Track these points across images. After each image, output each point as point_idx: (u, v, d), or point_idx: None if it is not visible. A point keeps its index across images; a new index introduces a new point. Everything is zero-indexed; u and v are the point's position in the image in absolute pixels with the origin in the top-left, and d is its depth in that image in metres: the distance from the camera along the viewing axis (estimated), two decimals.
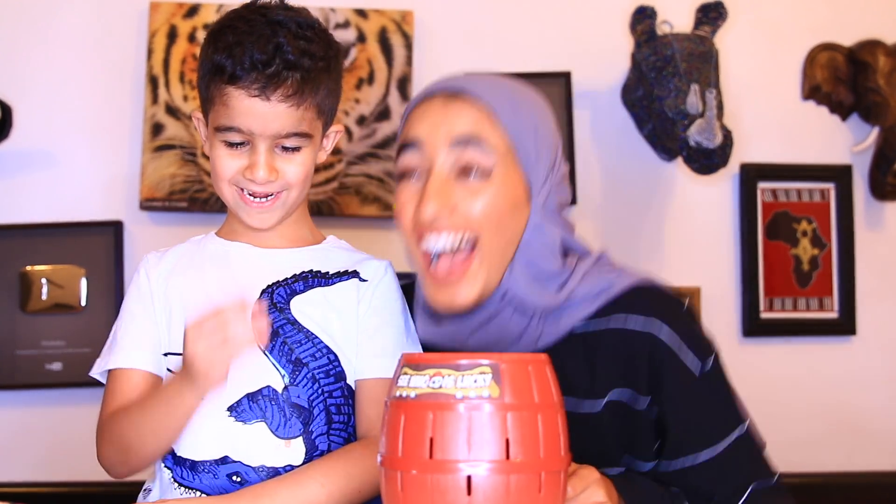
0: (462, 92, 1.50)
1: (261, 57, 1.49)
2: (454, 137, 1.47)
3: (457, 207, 1.47)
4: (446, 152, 1.47)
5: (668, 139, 2.55)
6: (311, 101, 1.53)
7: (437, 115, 1.49)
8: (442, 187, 1.46)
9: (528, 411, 1.06)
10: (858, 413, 2.79)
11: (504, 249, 1.49)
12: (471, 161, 1.47)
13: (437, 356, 1.10)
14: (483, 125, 1.48)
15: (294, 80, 1.50)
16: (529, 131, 1.50)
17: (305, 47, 1.51)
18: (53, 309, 2.58)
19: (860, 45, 2.79)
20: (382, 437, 1.11)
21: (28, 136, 2.61)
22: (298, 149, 1.54)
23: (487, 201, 1.47)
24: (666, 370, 1.48)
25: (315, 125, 1.56)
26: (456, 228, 1.47)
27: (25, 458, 2.57)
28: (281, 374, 1.54)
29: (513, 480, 1.05)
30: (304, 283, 1.58)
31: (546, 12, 2.75)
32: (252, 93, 1.49)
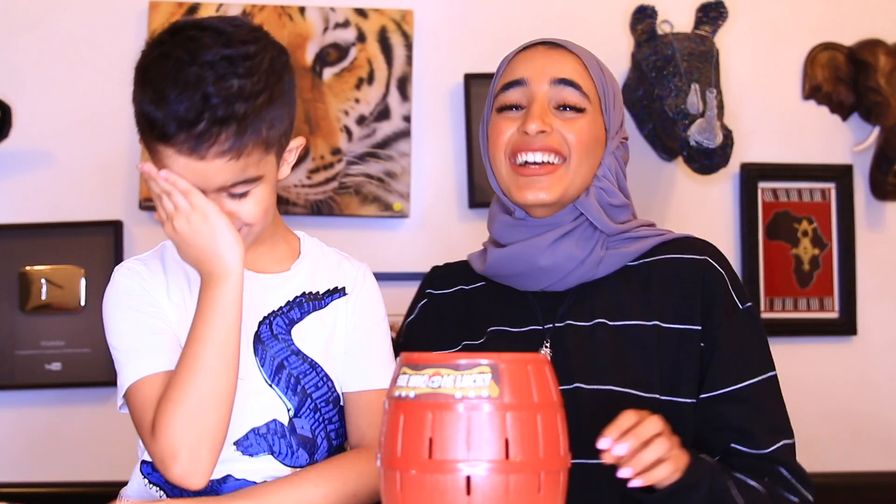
0: (561, 45, 1.72)
1: (187, 115, 1.36)
2: (555, 77, 1.68)
3: (553, 130, 1.66)
4: (547, 88, 1.68)
5: (668, 139, 2.55)
6: (254, 145, 1.40)
7: (541, 59, 1.71)
8: (543, 112, 1.67)
9: (528, 411, 1.06)
10: (859, 413, 2.79)
11: (585, 174, 1.69)
12: (567, 99, 1.68)
13: (436, 356, 1.10)
14: (580, 72, 1.70)
15: (228, 133, 1.37)
16: (610, 88, 1.74)
17: (239, 89, 1.38)
18: (53, 309, 2.58)
19: (861, 44, 2.79)
20: (381, 437, 1.11)
21: (28, 136, 2.61)
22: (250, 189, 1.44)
23: (580, 129, 1.67)
24: (717, 297, 1.65)
25: (264, 163, 1.44)
26: (550, 149, 1.66)
27: (25, 458, 2.57)
28: (287, 408, 1.52)
29: (512, 480, 1.04)
30: (300, 309, 1.56)
31: (546, 12, 2.75)
32: (184, 152, 1.38)
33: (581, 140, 1.67)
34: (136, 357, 1.48)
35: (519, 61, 1.73)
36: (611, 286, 1.69)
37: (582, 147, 1.67)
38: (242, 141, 1.39)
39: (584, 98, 1.69)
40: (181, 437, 1.39)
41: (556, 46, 1.73)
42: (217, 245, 1.43)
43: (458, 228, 2.67)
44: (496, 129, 1.71)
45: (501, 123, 1.71)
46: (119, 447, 2.18)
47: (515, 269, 1.70)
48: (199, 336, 1.43)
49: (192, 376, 1.41)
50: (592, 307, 1.67)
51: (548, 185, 1.66)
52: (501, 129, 1.70)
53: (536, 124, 1.65)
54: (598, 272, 1.68)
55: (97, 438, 2.56)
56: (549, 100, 1.68)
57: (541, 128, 1.65)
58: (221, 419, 1.42)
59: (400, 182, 2.65)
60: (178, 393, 1.40)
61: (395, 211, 2.64)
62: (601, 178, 1.71)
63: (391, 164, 2.65)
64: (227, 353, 1.43)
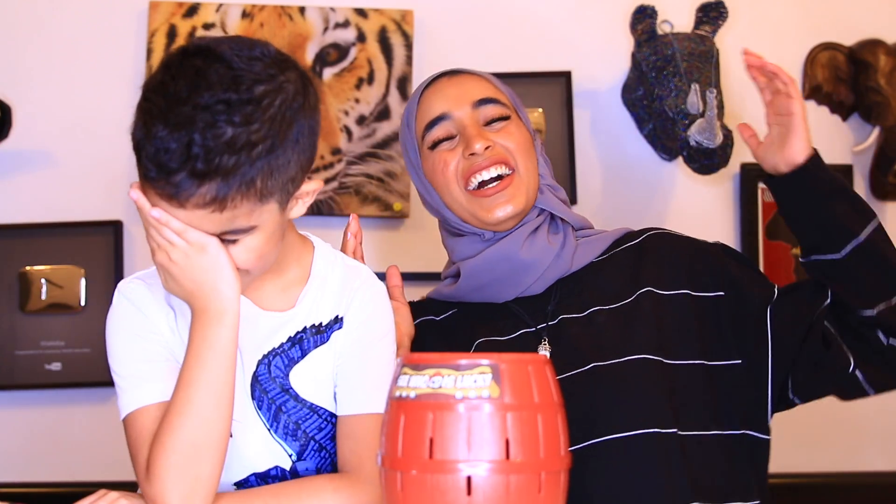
0: (460, 71, 1.80)
1: (168, 163, 1.27)
2: (475, 99, 1.74)
3: (494, 144, 1.71)
4: (471, 111, 1.73)
5: (668, 139, 2.55)
6: (242, 197, 1.29)
7: (451, 89, 1.77)
8: (479, 131, 1.71)
9: (528, 411, 1.06)
10: (858, 413, 2.79)
11: (532, 175, 1.74)
12: (492, 114, 1.74)
13: (436, 356, 1.10)
14: (489, 88, 1.77)
15: (210, 186, 1.27)
16: (513, 93, 1.82)
17: (231, 139, 1.26)
18: (53, 309, 2.58)
19: (861, 44, 2.79)
20: (382, 437, 1.11)
21: (28, 136, 2.61)
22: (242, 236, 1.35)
23: (513, 135, 1.74)
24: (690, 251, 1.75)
25: (258, 213, 1.33)
26: (499, 161, 1.71)
27: (25, 458, 2.57)
28: (289, 454, 1.49)
29: (512, 480, 1.04)
30: (301, 347, 1.49)
31: (546, 12, 2.75)
32: (164, 197, 1.30)
33: (519, 144, 1.73)
34: (136, 385, 1.44)
35: (431, 97, 1.77)
36: (589, 278, 1.72)
37: (522, 150, 1.73)
38: (227, 193, 1.28)
39: (504, 108, 1.75)
40: (173, 486, 1.34)
41: (457, 73, 1.79)
42: (216, 279, 1.35)
43: None
44: (439, 163, 1.73)
45: (441, 157, 1.73)
46: (119, 447, 2.17)
47: (494, 273, 1.72)
48: (192, 378, 1.36)
49: (185, 420, 1.35)
50: (581, 299, 1.69)
51: (510, 196, 1.70)
52: (445, 161, 1.73)
53: (480, 142, 1.69)
54: (572, 265, 1.73)
55: (97, 438, 2.56)
56: (476, 121, 1.73)
57: (485, 144, 1.70)
58: (215, 466, 1.37)
59: (400, 182, 2.65)
60: (170, 438, 1.35)
61: (395, 211, 2.64)
62: (543, 175, 1.77)
63: (391, 164, 2.65)
64: (221, 396, 1.37)
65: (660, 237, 1.78)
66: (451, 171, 1.72)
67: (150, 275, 1.50)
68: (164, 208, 1.32)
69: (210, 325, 1.36)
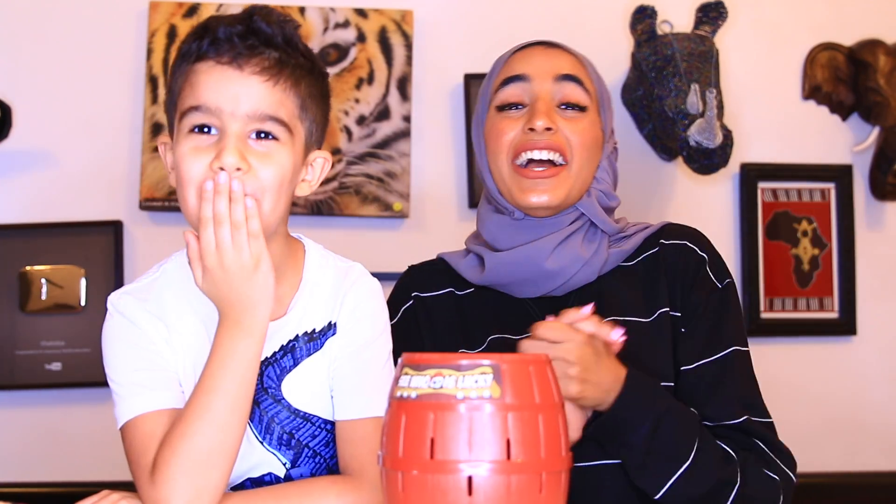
0: (557, 45, 1.72)
1: (236, 29, 1.37)
2: (558, 73, 1.67)
3: (558, 129, 1.65)
4: (550, 84, 1.67)
5: (668, 139, 2.55)
6: (291, 86, 1.39)
7: (541, 56, 1.70)
8: (549, 109, 1.65)
9: (529, 412, 1.06)
10: (858, 413, 2.79)
11: (586, 177, 1.69)
12: (571, 96, 1.67)
13: (437, 356, 1.10)
14: (581, 70, 1.70)
15: (272, 56, 1.38)
16: (605, 91, 1.74)
17: (289, 37, 1.41)
18: (53, 309, 2.58)
19: (860, 44, 2.79)
20: (383, 437, 1.11)
21: (28, 136, 2.61)
22: (275, 140, 1.39)
23: (583, 130, 1.67)
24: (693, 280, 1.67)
25: (295, 123, 1.41)
26: (555, 148, 1.65)
27: (25, 458, 2.57)
28: (282, 462, 1.48)
29: (514, 481, 1.04)
30: (293, 356, 1.47)
31: (546, 12, 2.75)
32: (222, 61, 1.36)
33: (584, 142, 1.66)
34: (134, 393, 1.43)
35: (518, 59, 1.71)
36: (612, 285, 1.69)
37: (584, 149, 1.67)
38: (283, 70, 1.38)
39: (586, 95, 1.68)
40: (181, 491, 1.33)
41: (554, 46, 1.72)
42: (259, 298, 1.35)
43: (458, 228, 2.67)
44: (497, 128, 1.68)
45: (503, 123, 1.68)
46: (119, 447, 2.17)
47: (519, 276, 1.68)
48: (213, 386, 1.35)
49: (201, 427, 1.34)
50: (599, 307, 1.66)
51: (551, 187, 1.65)
52: (503, 129, 1.67)
53: (543, 120, 1.63)
54: (602, 270, 1.68)
55: (97, 438, 2.56)
56: (552, 97, 1.67)
57: (547, 124, 1.63)
58: (224, 474, 1.36)
59: (400, 182, 2.65)
60: (183, 443, 1.34)
61: (395, 211, 2.64)
62: (600, 180, 1.71)
63: (391, 164, 2.65)
64: (239, 407, 1.36)
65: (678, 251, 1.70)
66: (506, 140, 1.67)
67: (141, 289, 1.48)
68: (216, 81, 1.36)
69: (240, 336, 1.36)
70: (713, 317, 1.65)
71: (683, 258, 1.69)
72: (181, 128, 1.40)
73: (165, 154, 1.46)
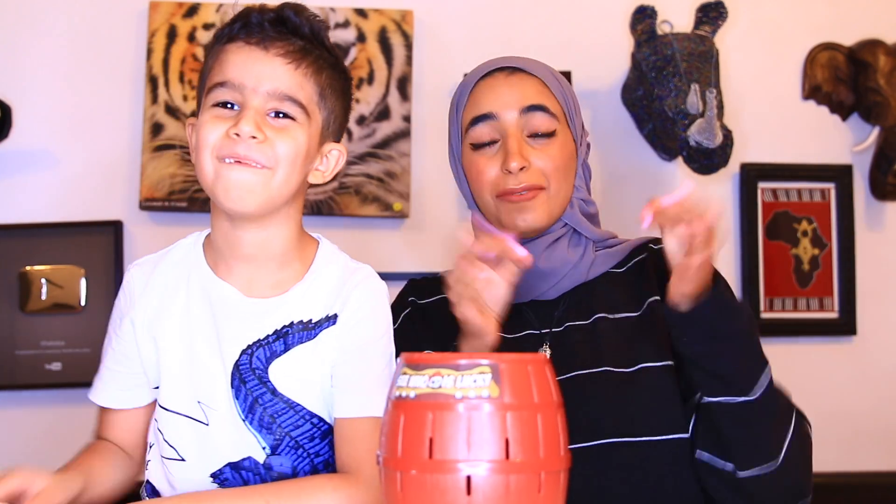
0: (519, 69, 1.75)
1: (268, 16, 1.48)
2: (523, 106, 1.72)
3: (531, 165, 1.70)
4: (517, 118, 1.72)
5: (668, 139, 2.55)
6: (312, 73, 1.48)
7: (504, 88, 1.74)
8: (520, 146, 1.70)
9: (528, 411, 1.06)
10: (858, 413, 2.79)
11: (565, 194, 1.74)
12: (539, 126, 1.72)
13: (436, 356, 1.10)
14: (544, 95, 1.74)
15: (297, 43, 1.48)
16: (570, 98, 1.78)
17: (316, 31, 1.50)
18: (53, 309, 2.58)
19: (860, 44, 2.79)
20: (382, 437, 1.11)
21: (28, 136, 2.61)
22: (293, 120, 1.46)
23: (554, 156, 1.72)
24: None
25: (313, 108, 1.49)
26: (531, 186, 1.70)
27: (25, 458, 2.56)
28: (262, 446, 1.49)
29: (512, 480, 1.04)
30: (285, 341, 1.49)
31: (546, 12, 2.75)
32: (251, 41, 1.46)
33: (557, 166, 1.72)
34: (99, 379, 1.60)
35: (482, 92, 1.76)
36: (602, 287, 1.73)
37: (560, 169, 1.72)
38: (305, 56, 1.47)
39: (553, 120, 1.72)
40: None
41: (515, 71, 1.75)
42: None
43: (458, 228, 2.67)
44: (475, 168, 1.74)
45: (480, 162, 1.74)
46: None
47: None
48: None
49: None
50: (590, 306, 1.70)
51: (533, 208, 1.71)
52: (481, 170, 1.73)
53: (517, 161, 1.69)
54: (588, 275, 1.73)
55: None
56: (520, 130, 1.72)
57: (521, 164, 1.69)
58: None
59: (400, 182, 2.65)
60: None
61: (395, 211, 2.64)
62: (578, 188, 1.77)
63: (391, 164, 2.65)
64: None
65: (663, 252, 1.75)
66: (486, 180, 1.73)
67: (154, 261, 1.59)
68: (242, 59, 1.46)
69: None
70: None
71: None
72: (206, 102, 1.48)
73: (191, 135, 1.52)
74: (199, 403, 1.49)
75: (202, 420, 1.49)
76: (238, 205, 1.44)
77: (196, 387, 1.50)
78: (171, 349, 1.51)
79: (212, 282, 1.51)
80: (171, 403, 1.51)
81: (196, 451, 1.50)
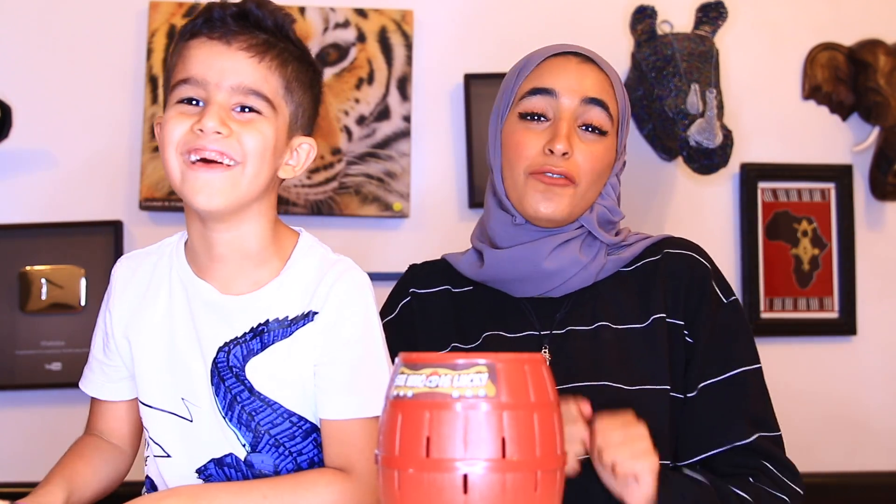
0: (593, 60, 1.72)
1: (230, 10, 1.46)
2: (586, 95, 1.68)
3: (573, 154, 1.66)
4: (577, 105, 1.68)
5: (668, 139, 2.55)
6: (277, 66, 1.45)
7: (574, 72, 1.69)
8: (570, 132, 1.67)
9: (525, 410, 1.06)
10: (858, 413, 2.79)
11: (591, 197, 1.71)
12: (594, 120, 1.68)
13: (434, 356, 1.10)
14: (608, 93, 1.70)
15: (260, 36, 1.45)
16: (627, 109, 1.75)
17: (280, 24, 1.48)
18: (53, 309, 2.58)
19: (860, 44, 2.79)
20: (380, 436, 1.12)
21: (28, 136, 2.61)
22: (258, 114, 1.44)
23: (598, 155, 1.69)
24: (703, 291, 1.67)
25: (279, 101, 1.46)
26: (566, 174, 1.67)
27: (25, 458, 2.57)
28: (242, 443, 1.49)
29: (509, 479, 1.04)
30: (261, 340, 1.47)
31: (546, 12, 2.75)
32: (213, 36, 1.44)
33: (594, 168, 1.68)
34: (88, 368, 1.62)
35: (549, 69, 1.71)
36: (608, 290, 1.70)
37: (594, 174, 1.68)
38: (269, 49, 1.45)
39: (608, 120, 1.69)
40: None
41: (588, 61, 1.71)
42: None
43: (458, 228, 2.67)
44: (517, 139, 1.69)
45: (524, 136, 1.69)
46: None
47: (517, 273, 1.70)
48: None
49: None
50: (593, 311, 1.68)
51: (560, 197, 1.66)
52: (523, 143, 1.69)
53: (563, 144, 1.65)
54: (597, 278, 1.70)
55: None
56: (576, 117, 1.68)
57: (565, 149, 1.65)
58: None
59: (400, 182, 2.65)
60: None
61: (395, 211, 2.64)
62: (605, 196, 1.73)
63: (391, 164, 2.65)
64: None
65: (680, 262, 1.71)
66: (525, 155, 1.68)
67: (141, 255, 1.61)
68: (205, 55, 1.44)
69: None
70: (724, 334, 1.66)
71: (688, 268, 1.70)
72: (171, 100, 1.46)
73: (159, 134, 1.49)
74: (182, 400, 1.50)
75: (186, 417, 1.50)
76: (207, 204, 1.43)
77: (179, 383, 1.50)
78: (150, 346, 1.52)
79: (191, 280, 1.51)
80: (155, 400, 1.52)
81: (181, 447, 1.51)
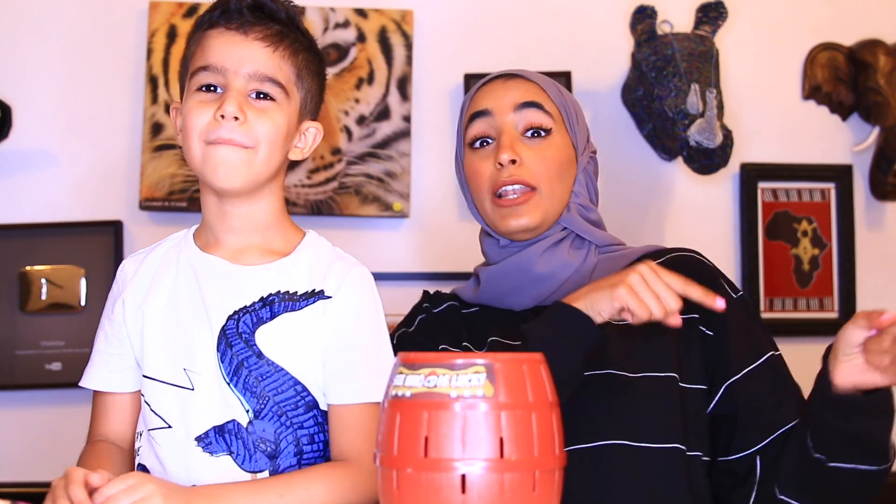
0: (516, 75, 1.79)
1: (246, 2, 1.56)
2: (517, 103, 1.75)
3: (523, 161, 1.72)
4: (512, 115, 1.75)
5: (668, 139, 2.55)
6: (290, 55, 1.57)
7: (501, 88, 1.77)
8: (512, 141, 1.73)
9: (523, 410, 1.06)
10: None
11: (560, 195, 1.75)
12: (532, 121, 1.74)
13: (432, 356, 1.10)
14: (539, 96, 1.76)
15: (274, 27, 1.56)
16: (571, 107, 1.79)
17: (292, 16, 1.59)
18: (53, 309, 2.58)
19: (860, 44, 2.79)
20: (378, 436, 1.12)
21: (28, 136, 2.61)
22: (272, 101, 1.55)
23: (549, 155, 1.74)
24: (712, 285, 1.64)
25: (291, 87, 1.57)
26: (521, 182, 1.72)
27: (25, 458, 2.57)
28: (245, 409, 1.52)
29: (507, 479, 1.04)
30: (271, 309, 1.54)
31: (546, 12, 2.75)
32: (230, 26, 1.54)
33: (549, 168, 1.73)
34: (91, 365, 1.63)
35: (482, 94, 1.80)
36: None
37: (552, 170, 1.73)
38: (283, 40, 1.56)
39: (548, 117, 1.75)
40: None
41: (513, 77, 1.79)
42: None
43: (458, 228, 2.67)
44: (473, 168, 1.77)
45: (477, 163, 1.77)
46: None
47: (511, 284, 1.74)
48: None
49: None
50: None
51: (526, 210, 1.72)
52: (479, 169, 1.76)
53: (507, 153, 1.71)
54: (590, 280, 1.70)
55: None
56: (515, 126, 1.74)
57: (511, 156, 1.71)
58: None
59: (400, 182, 2.65)
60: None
61: (395, 211, 2.64)
62: (577, 194, 1.77)
63: (391, 164, 2.65)
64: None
65: (686, 261, 1.74)
66: (482, 180, 1.75)
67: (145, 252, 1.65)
68: (222, 44, 1.54)
69: None
70: (746, 323, 1.70)
71: (695, 265, 1.73)
72: (190, 86, 1.56)
73: (175, 118, 1.61)
74: (185, 370, 1.54)
75: (187, 386, 1.53)
76: (225, 182, 1.53)
77: (181, 355, 1.54)
78: (155, 320, 1.57)
79: (199, 257, 1.59)
80: (156, 372, 1.55)
81: (181, 416, 1.53)
